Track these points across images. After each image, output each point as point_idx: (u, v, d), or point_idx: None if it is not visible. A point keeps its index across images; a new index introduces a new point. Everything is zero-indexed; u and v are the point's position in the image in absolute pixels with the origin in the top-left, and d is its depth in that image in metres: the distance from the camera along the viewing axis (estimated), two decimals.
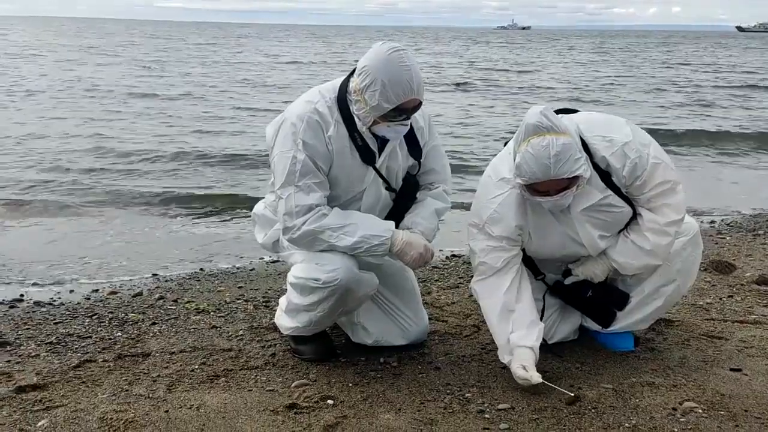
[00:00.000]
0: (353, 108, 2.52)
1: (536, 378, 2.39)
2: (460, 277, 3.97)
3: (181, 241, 5.11)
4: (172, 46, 41.27)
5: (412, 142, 2.67)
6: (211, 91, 16.33)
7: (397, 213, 2.69)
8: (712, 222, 5.63)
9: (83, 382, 2.55)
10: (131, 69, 21.95)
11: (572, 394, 2.39)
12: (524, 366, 2.43)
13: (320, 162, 2.52)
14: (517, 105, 14.83)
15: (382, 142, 2.60)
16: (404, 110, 2.46)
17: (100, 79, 17.82)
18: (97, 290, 3.93)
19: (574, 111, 2.69)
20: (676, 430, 2.20)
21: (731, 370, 2.63)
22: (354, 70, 2.51)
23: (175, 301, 3.59)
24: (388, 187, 2.68)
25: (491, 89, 18.55)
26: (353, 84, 2.50)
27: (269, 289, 3.78)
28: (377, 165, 2.61)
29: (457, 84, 19.39)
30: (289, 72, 23.28)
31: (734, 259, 4.22)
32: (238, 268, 4.37)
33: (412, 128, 2.64)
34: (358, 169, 2.59)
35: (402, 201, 2.72)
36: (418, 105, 2.50)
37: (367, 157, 2.58)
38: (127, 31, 73.85)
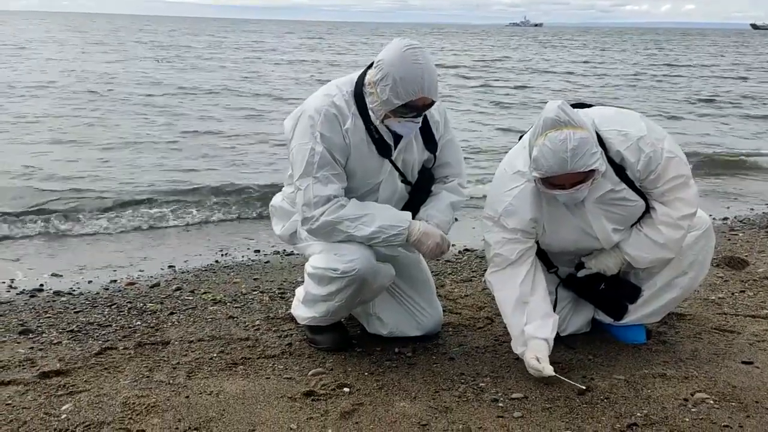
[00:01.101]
0: (368, 100, 2.55)
1: (548, 370, 2.43)
2: (473, 271, 4.00)
3: (196, 233, 5.17)
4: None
5: (427, 135, 2.71)
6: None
7: (412, 206, 2.73)
8: (725, 218, 5.62)
9: (105, 369, 2.62)
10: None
11: (583, 387, 2.43)
12: (538, 357, 2.47)
13: (337, 154, 2.57)
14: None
15: (397, 135, 2.64)
16: (414, 107, 2.49)
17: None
18: (115, 281, 3.99)
19: (589, 105, 2.71)
20: (687, 420, 2.23)
21: (743, 362, 2.65)
22: (372, 64, 2.55)
23: (192, 292, 3.65)
24: (404, 180, 2.72)
25: None
26: (369, 76, 2.54)
27: (284, 281, 3.83)
28: (393, 158, 2.65)
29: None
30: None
31: (747, 255, 4.23)
32: (253, 261, 4.43)
33: (427, 122, 2.68)
34: (374, 162, 2.63)
35: (417, 194, 2.76)
36: (429, 104, 2.53)
37: (383, 150, 2.62)
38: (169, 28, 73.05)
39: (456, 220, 2.83)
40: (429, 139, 2.72)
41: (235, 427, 2.19)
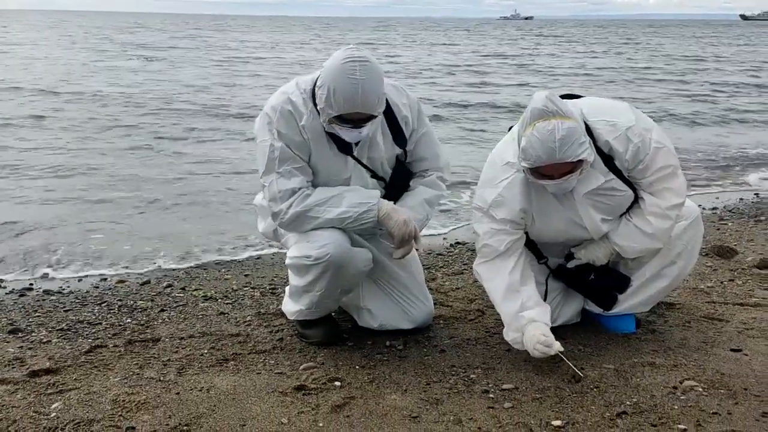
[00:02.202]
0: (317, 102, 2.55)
1: (557, 346, 2.43)
2: (464, 264, 4.01)
3: (187, 230, 5.15)
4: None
5: (395, 130, 2.70)
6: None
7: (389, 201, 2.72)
8: (714, 208, 5.65)
9: (95, 367, 2.60)
10: None
11: (581, 374, 2.44)
12: (544, 334, 2.46)
13: (297, 150, 2.58)
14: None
15: None
16: (350, 120, 2.48)
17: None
18: (105, 279, 3.98)
19: (578, 96, 2.72)
20: (676, 407, 2.24)
21: (731, 350, 2.67)
22: None
23: (183, 289, 3.64)
24: (375, 176, 2.71)
25: None
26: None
27: (275, 277, 3.83)
28: (355, 154, 2.64)
29: None
30: None
31: (736, 244, 4.26)
32: (244, 257, 4.42)
33: (395, 117, 2.68)
34: (336, 159, 2.63)
35: (393, 189, 2.76)
36: (368, 118, 2.49)
37: (343, 147, 2.62)
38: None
39: (428, 218, 2.81)
40: (397, 134, 2.70)
41: (226, 423, 2.19)
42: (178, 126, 10.14)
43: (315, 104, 2.55)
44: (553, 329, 2.79)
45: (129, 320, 3.14)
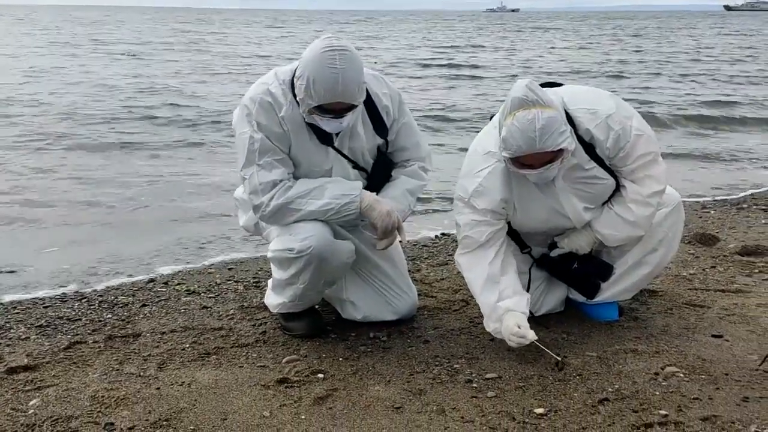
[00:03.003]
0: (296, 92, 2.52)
1: (531, 335, 2.43)
2: (449, 255, 4.00)
3: (171, 223, 5.10)
4: None
5: (376, 120, 2.68)
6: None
7: (371, 191, 2.69)
8: (698, 197, 5.69)
9: (74, 363, 2.57)
10: None
11: (559, 358, 2.44)
12: (519, 324, 2.46)
13: (277, 142, 2.55)
14: None
15: None
16: (331, 110, 2.46)
17: None
18: (87, 274, 3.92)
19: (559, 84, 2.71)
20: (657, 393, 2.25)
21: (713, 336, 2.69)
22: None
23: (166, 283, 3.61)
24: (357, 167, 2.69)
25: None
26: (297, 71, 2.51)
27: (259, 270, 3.80)
28: (336, 145, 2.62)
29: None
30: None
31: (718, 232, 4.29)
32: (227, 250, 4.38)
33: (375, 107, 2.65)
34: (317, 150, 2.61)
35: (375, 180, 2.74)
36: (349, 107, 2.48)
37: (324, 138, 2.60)
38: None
39: (412, 209, 2.80)
40: (378, 124, 2.68)
41: (207, 417, 2.17)
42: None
43: (294, 95, 2.53)
44: (537, 318, 2.81)
45: (109, 316, 3.10)
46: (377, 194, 2.68)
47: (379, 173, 2.76)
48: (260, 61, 19.57)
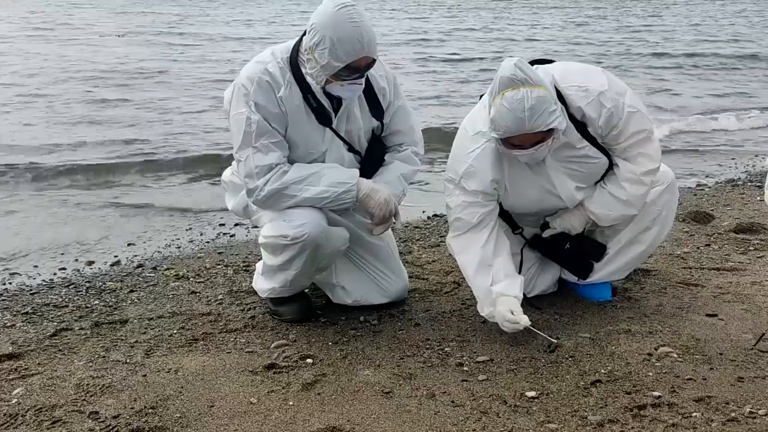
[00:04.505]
0: (306, 68, 2.47)
1: (525, 321, 2.40)
2: (441, 237, 3.95)
3: (158, 208, 5.04)
4: None
5: (373, 102, 2.62)
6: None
7: (363, 176, 2.64)
8: (692, 173, 5.65)
9: (59, 350, 2.53)
10: None
11: (555, 341, 2.41)
12: (512, 310, 2.43)
13: (274, 123, 2.49)
14: None
15: (338, 102, 2.55)
16: (356, 69, 2.41)
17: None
18: (76, 260, 3.88)
19: (550, 61, 2.65)
20: (651, 374, 2.23)
21: (707, 315, 2.66)
22: (306, 30, 2.45)
23: (154, 268, 3.56)
24: (351, 149, 2.64)
25: None
26: (304, 43, 2.45)
27: (249, 254, 3.75)
28: (334, 126, 2.56)
29: None
30: None
31: (712, 209, 4.25)
32: (217, 235, 4.33)
33: (372, 89, 2.60)
34: (314, 131, 2.55)
35: (368, 163, 2.68)
36: (371, 62, 2.44)
37: (323, 119, 2.54)
38: None
39: (404, 194, 2.75)
40: (374, 106, 2.63)
41: (194, 404, 2.14)
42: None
43: (293, 74, 2.47)
44: (530, 299, 2.78)
45: (97, 302, 3.06)
46: (371, 179, 2.63)
47: (372, 157, 2.70)
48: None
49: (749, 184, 5.13)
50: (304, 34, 2.47)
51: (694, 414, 2.00)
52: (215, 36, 17.08)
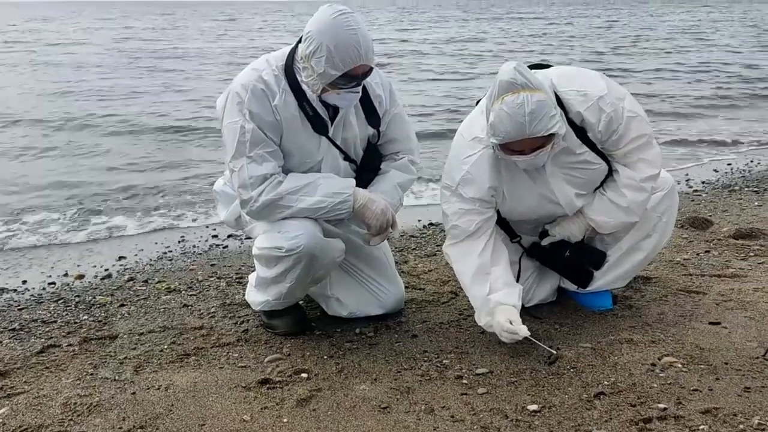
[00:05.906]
0: (302, 76, 2.41)
1: (524, 331, 2.33)
2: (437, 245, 3.90)
3: (151, 221, 4.97)
4: None
5: (369, 110, 2.57)
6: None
7: (359, 185, 2.59)
8: (688, 180, 5.62)
9: (46, 368, 2.45)
10: None
11: (555, 352, 2.35)
12: (510, 320, 2.37)
13: (269, 132, 2.43)
14: None
15: (334, 110, 2.50)
16: (353, 77, 2.35)
17: None
18: (65, 274, 3.80)
19: (548, 66, 2.60)
20: (655, 385, 2.16)
21: (710, 323, 2.60)
22: (301, 38, 2.40)
23: (146, 281, 3.49)
24: (347, 158, 2.58)
25: None
26: (300, 51, 2.39)
27: (242, 266, 3.69)
28: (330, 135, 2.51)
29: None
30: None
31: (711, 215, 4.21)
32: (210, 246, 4.26)
33: (369, 96, 2.55)
34: (310, 140, 2.49)
35: (364, 173, 2.63)
36: (369, 71, 2.39)
37: (319, 127, 2.48)
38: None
39: (401, 204, 2.70)
40: (371, 114, 2.58)
41: (184, 423, 2.06)
42: None
43: (288, 81, 2.42)
44: (528, 309, 2.72)
45: (86, 317, 2.98)
46: (367, 188, 2.57)
47: (368, 166, 2.65)
48: None
49: (746, 189, 5.10)
50: (299, 41, 2.42)
51: (701, 427, 1.93)
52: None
